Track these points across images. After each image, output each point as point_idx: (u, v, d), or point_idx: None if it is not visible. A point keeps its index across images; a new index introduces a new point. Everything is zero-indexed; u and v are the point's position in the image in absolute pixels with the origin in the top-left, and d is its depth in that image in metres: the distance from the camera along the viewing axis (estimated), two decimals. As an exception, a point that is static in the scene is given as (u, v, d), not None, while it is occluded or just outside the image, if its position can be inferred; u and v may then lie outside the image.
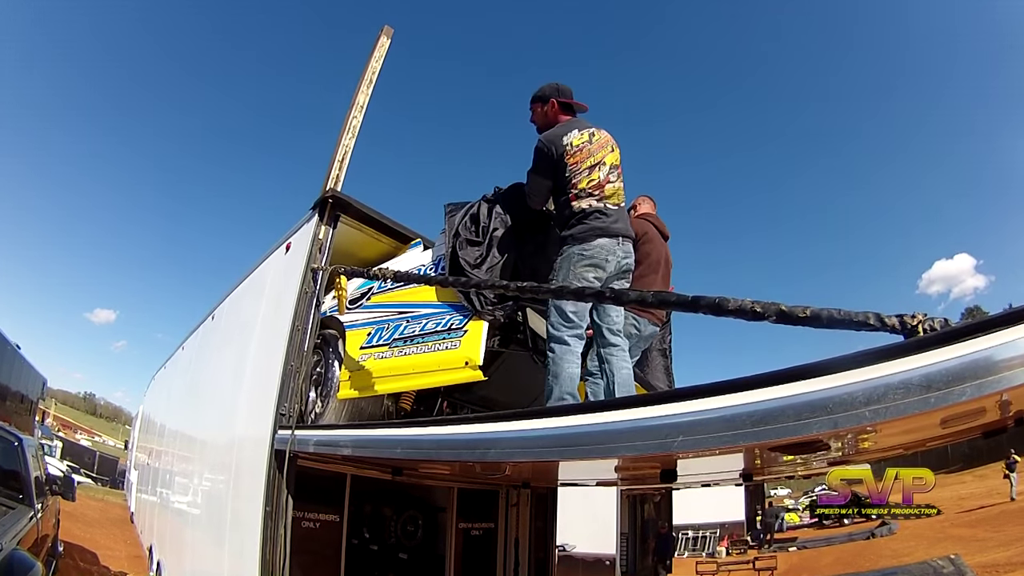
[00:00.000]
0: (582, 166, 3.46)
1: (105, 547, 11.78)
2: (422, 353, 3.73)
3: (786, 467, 3.23)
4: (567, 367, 3.23)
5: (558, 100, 3.73)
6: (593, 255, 3.34)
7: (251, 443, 4.38)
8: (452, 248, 3.77)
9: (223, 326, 6.59)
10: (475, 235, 3.84)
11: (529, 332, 4.20)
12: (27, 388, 14.67)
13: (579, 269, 3.33)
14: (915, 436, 2.18)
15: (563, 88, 3.77)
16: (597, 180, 3.46)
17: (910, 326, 1.42)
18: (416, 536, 5.47)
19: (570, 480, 5.23)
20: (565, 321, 3.28)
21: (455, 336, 3.59)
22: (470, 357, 3.44)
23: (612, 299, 2.42)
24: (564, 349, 3.26)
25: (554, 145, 3.50)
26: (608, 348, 3.48)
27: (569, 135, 3.52)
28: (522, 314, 4.11)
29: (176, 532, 7.11)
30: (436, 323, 3.75)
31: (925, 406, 1.29)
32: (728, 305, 1.78)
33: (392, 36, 4.85)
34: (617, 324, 3.54)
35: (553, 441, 2.09)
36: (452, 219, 3.93)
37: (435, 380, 3.68)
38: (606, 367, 3.47)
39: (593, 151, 3.51)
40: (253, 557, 3.83)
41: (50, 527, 7.44)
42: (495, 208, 3.91)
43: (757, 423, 1.51)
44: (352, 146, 4.61)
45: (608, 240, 3.38)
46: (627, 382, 3.43)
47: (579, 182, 3.44)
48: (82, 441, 45.17)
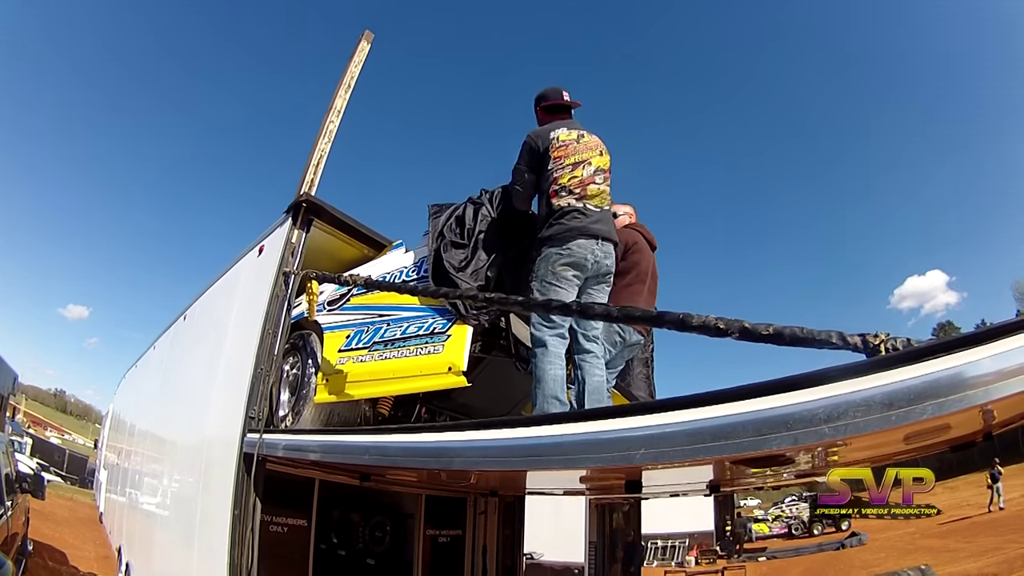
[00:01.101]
0: (565, 161, 3.45)
1: (74, 547, 11.64)
2: (404, 357, 3.66)
3: (755, 479, 3.23)
4: (550, 369, 3.20)
5: (542, 104, 3.79)
6: (572, 253, 3.31)
7: (220, 445, 4.33)
8: (436, 250, 3.71)
9: (195, 327, 6.53)
10: (460, 237, 3.78)
11: (512, 338, 4.12)
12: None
13: (558, 268, 3.31)
14: (881, 451, 2.20)
15: (547, 92, 3.81)
16: (580, 178, 3.44)
17: (872, 345, 1.43)
18: (384, 542, 5.43)
19: (537, 489, 5.23)
20: (546, 321, 3.26)
21: (438, 340, 3.53)
22: (454, 362, 3.39)
23: (579, 312, 2.40)
24: (544, 352, 3.23)
25: (540, 139, 3.52)
26: (582, 354, 3.44)
27: (557, 131, 3.54)
28: (505, 319, 4.03)
29: (145, 533, 7.02)
30: (418, 327, 3.68)
31: (886, 423, 1.30)
32: (692, 321, 1.79)
33: (372, 41, 4.84)
34: (595, 330, 3.50)
35: (518, 451, 2.09)
36: (436, 221, 3.87)
37: (417, 385, 3.62)
38: (579, 373, 3.43)
39: (579, 149, 3.50)
40: (222, 560, 3.78)
41: (20, 525, 7.35)
42: (481, 210, 3.85)
43: (717, 437, 1.52)
44: (328, 150, 4.60)
45: (586, 240, 3.35)
46: (598, 389, 3.39)
47: (560, 177, 3.42)
48: (52, 439, 44.45)
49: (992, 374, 1.24)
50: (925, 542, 16.42)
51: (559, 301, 2.76)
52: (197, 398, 5.47)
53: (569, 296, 3.30)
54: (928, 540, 16.58)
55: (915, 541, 16.63)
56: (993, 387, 1.24)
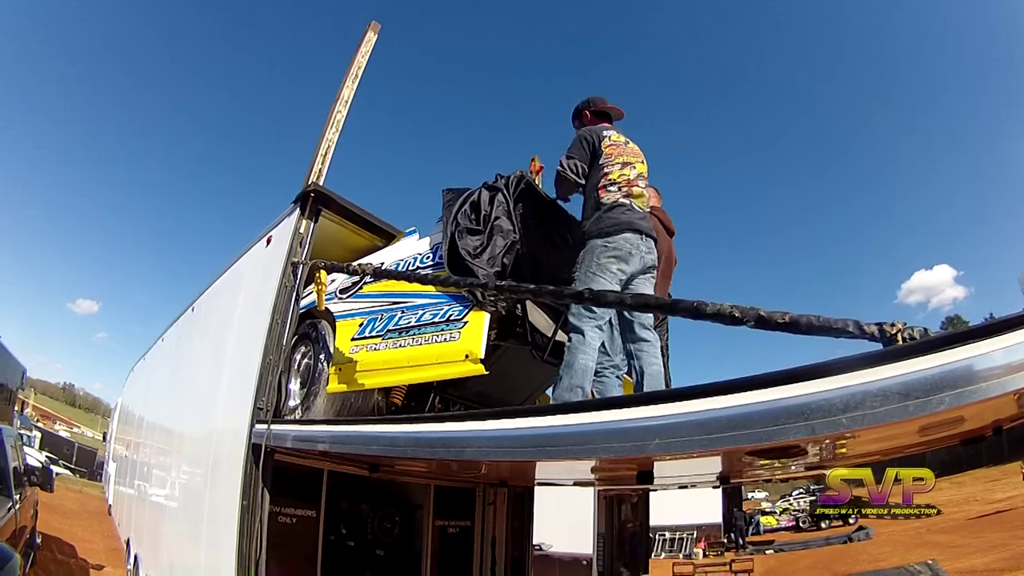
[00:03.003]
0: (616, 160, 3.55)
1: (83, 539, 11.71)
2: (419, 345, 3.59)
3: (764, 471, 3.22)
4: (581, 358, 3.18)
5: (590, 110, 3.93)
6: (618, 247, 3.34)
7: (229, 437, 4.33)
8: (451, 236, 3.65)
9: (202, 318, 6.52)
10: (475, 223, 3.71)
11: (528, 326, 4.05)
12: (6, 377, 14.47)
13: (603, 260, 3.32)
14: (893, 443, 2.18)
15: (594, 99, 3.95)
16: (628, 177, 3.52)
17: (889, 334, 1.42)
18: (393, 533, 5.42)
19: (547, 479, 5.21)
20: (587, 311, 3.26)
21: (454, 327, 3.46)
22: (471, 350, 3.30)
23: (591, 300, 2.39)
24: (581, 340, 3.22)
25: (594, 135, 3.63)
26: (638, 343, 3.46)
27: (608, 131, 3.68)
28: (522, 307, 3.95)
29: (153, 525, 7.04)
30: (434, 314, 3.61)
31: (903, 414, 1.29)
32: (707, 309, 1.78)
33: (379, 32, 4.83)
34: (649, 320, 3.53)
35: (530, 441, 2.07)
36: (451, 207, 3.80)
37: (433, 374, 3.54)
38: (635, 363, 3.45)
39: (627, 152, 3.62)
40: (230, 551, 3.78)
41: (28, 518, 7.38)
42: (497, 196, 3.76)
43: (734, 427, 1.51)
44: (336, 141, 4.60)
45: (633, 235, 3.38)
46: (658, 377, 3.40)
47: (611, 173, 3.51)
48: (61, 432, 44.68)
49: (1009, 365, 1.22)
50: (932, 537, 16.42)
51: (572, 290, 2.72)
52: (205, 389, 5.48)
53: (612, 288, 3.30)
54: (935, 535, 16.57)
55: (922, 536, 16.63)
56: (1009, 379, 1.23)
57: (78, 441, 38.26)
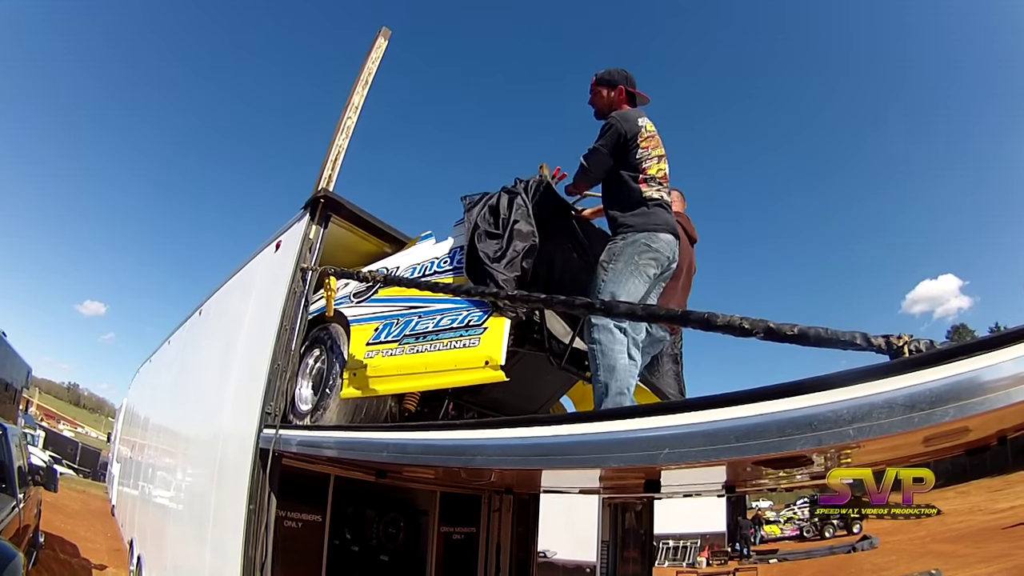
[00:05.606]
0: (653, 152, 3.37)
1: (86, 539, 11.73)
2: (437, 351, 3.48)
3: (769, 480, 3.21)
4: (621, 358, 3.08)
5: (627, 88, 3.64)
6: (659, 249, 3.25)
7: (236, 440, 4.35)
8: (470, 241, 3.56)
9: (210, 321, 6.55)
10: (494, 227, 3.60)
11: (546, 332, 3.98)
12: (11, 376, 14.54)
13: (642, 261, 3.21)
14: (898, 452, 2.19)
15: (631, 77, 3.67)
16: (664, 172, 3.40)
17: (896, 346, 1.43)
18: (398, 539, 5.43)
19: (553, 487, 5.20)
20: None
21: (473, 333, 3.34)
22: (491, 356, 3.17)
23: (601, 311, 2.39)
24: (611, 338, 3.10)
25: (629, 123, 3.37)
26: None
27: (643, 119, 3.41)
28: (540, 313, 3.89)
29: (158, 527, 7.04)
30: (452, 319, 3.49)
31: (908, 425, 1.30)
32: (717, 321, 1.79)
33: (390, 38, 4.85)
34: (641, 336, 3.42)
35: (540, 450, 2.07)
36: (471, 211, 3.72)
37: (452, 380, 3.41)
38: None
39: (660, 143, 3.43)
40: (235, 554, 3.79)
41: (32, 517, 7.39)
42: (516, 200, 3.64)
43: (742, 438, 1.52)
44: (346, 146, 4.60)
45: (669, 236, 3.30)
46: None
47: (649, 167, 3.35)
48: (65, 432, 44.71)
49: (1015, 377, 1.23)
50: (935, 547, 16.37)
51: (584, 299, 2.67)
52: (212, 393, 5.50)
53: (641, 291, 3.23)
54: (939, 545, 16.52)
55: (925, 545, 16.58)
56: (1016, 390, 1.23)
57: (82, 441, 38.30)
